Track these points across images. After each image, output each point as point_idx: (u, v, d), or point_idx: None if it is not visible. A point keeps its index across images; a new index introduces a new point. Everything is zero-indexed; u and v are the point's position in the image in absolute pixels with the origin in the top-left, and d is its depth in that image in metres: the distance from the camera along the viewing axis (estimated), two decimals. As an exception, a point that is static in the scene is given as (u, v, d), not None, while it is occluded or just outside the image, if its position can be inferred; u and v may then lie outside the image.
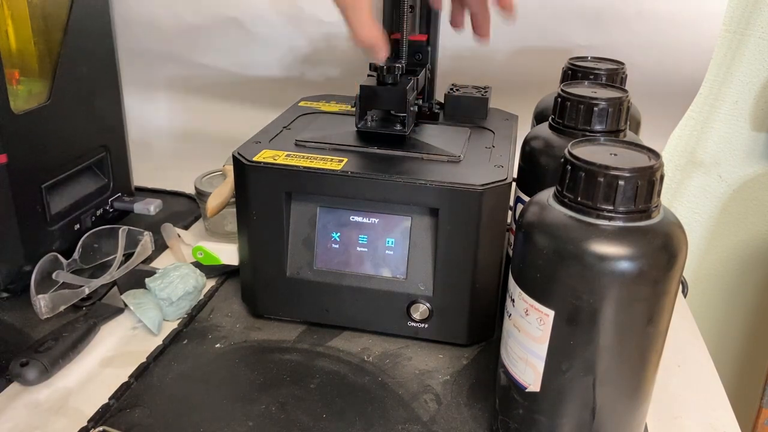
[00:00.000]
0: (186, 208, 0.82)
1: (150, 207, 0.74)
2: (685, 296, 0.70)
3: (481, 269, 0.53)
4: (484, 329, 0.56)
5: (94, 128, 0.71)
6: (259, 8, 0.81)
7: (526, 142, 0.54)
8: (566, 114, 0.49)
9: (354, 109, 0.59)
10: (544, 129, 0.52)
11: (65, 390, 0.51)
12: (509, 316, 0.42)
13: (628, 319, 0.37)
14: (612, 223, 0.36)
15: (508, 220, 0.54)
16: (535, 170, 0.52)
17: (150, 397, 0.50)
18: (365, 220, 0.54)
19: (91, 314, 0.59)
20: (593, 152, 0.38)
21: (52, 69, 0.64)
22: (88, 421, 0.47)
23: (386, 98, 0.58)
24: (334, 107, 0.70)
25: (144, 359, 0.54)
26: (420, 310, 0.55)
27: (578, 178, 0.37)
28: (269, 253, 0.56)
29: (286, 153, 0.56)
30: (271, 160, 0.54)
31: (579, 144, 0.39)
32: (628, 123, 0.50)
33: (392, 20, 0.69)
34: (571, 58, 0.61)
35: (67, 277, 0.62)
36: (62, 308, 0.59)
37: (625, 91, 0.49)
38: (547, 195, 0.40)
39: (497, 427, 0.45)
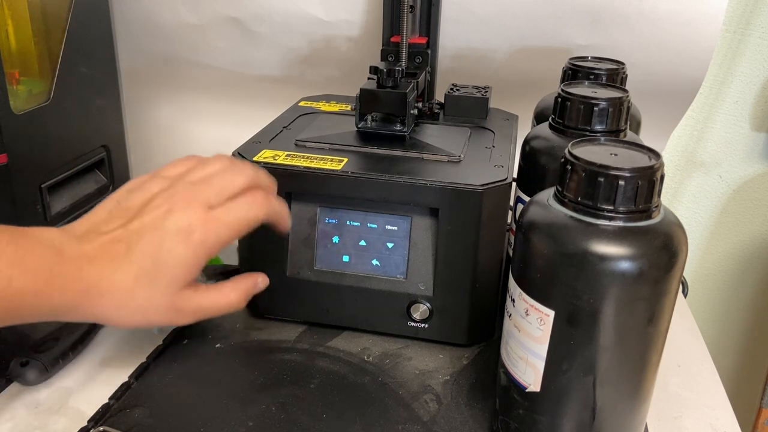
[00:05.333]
0: (186, 208, 0.82)
1: (150, 207, 0.74)
2: (685, 296, 0.70)
3: (481, 269, 0.53)
4: (484, 329, 0.56)
5: (94, 128, 0.71)
6: (259, 8, 0.81)
7: (526, 142, 0.54)
8: (566, 114, 0.49)
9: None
10: (544, 129, 0.52)
11: (65, 390, 0.51)
12: (509, 316, 0.42)
13: (628, 319, 0.37)
14: (612, 223, 0.36)
15: (508, 220, 0.54)
16: (535, 170, 0.52)
17: (150, 397, 0.50)
18: (365, 220, 0.54)
19: (91, 314, 0.59)
20: (593, 152, 0.38)
21: (52, 69, 0.64)
22: (88, 421, 0.47)
23: (386, 102, 0.58)
24: (334, 107, 0.70)
25: (144, 359, 0.53)
26: (420, 310, 0.55)
27: (578, 178, 0.37)
28: (269, 253, 0.56)
29: (286, 153, 0.56)
30: (271, 160, 0.54)
31: (579, 144, 0.39)
32: (629, 123, 0.50)
33: (392, 22, 0.69)
34: (571, 58, 0.61)
35: (67, 277, 0.62)
36: (62, 308, 0.58)
37: (626, 91, 0.49)
38: (547, 195, 0.40)
39: (497, 427, 0.45)
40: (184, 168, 0.46)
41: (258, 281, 0.49)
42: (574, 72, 0.58)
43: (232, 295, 0.46)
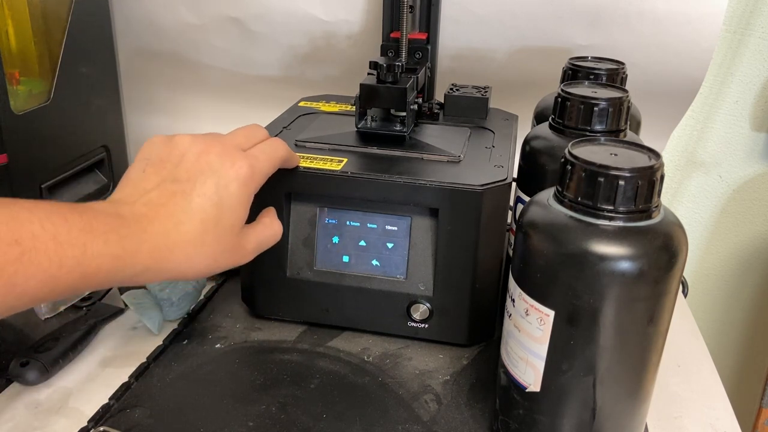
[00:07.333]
0: (186, 208, 0.82)
1: (150, 207, 0.74)
2: (685, 296, 0.70)
3: (481, 269, 0.53)
4: (484, 329, 0.56)
5: (94, 128, 0.71)
6: (259, 8, 0.81)
7: (526, 142, 0.54)
8: (566, 114, 0.49)
9: (354, 109, 0.59)
10: (544, 129, 0.52)
11: (65, 390, 0.51)
12: (509, 316, 0.42)
13: (628, 319, 0.37)
14: (612, 223, 0.36)
15: (508, 220, 0.54)
16: (535, 170, 0.52)
17: (150, 397, 0.50)
18: (365, 220, 0.54)
19: (91, 314, 0.59)
20: (593, 152, 0.38)
21: (52, 69, 0.64)
22: (88, 421, 0.47)
23: (387, 96, 0.58)
24: (334, 107, 0.70)
25: (144, 359, 0.53)
26: (420, 310, 0.55)
27: (578, 178, 0.37)
28: (269, 253, 0.55)
29: (286, 153, 0.56)
30: (271, 160, 0.54)
31: (579, 144, 0.39)
32: (629, 123, 0.50)
33: (392, 19, 0.69)
34: (571, 58, 0.61)
35: (67, 277, 0.62)
36: (62, 308, 0.59)
37: (625, 91, 0.49)
38: (547, 195, 0.40)
39: (497, 427, 0.45)
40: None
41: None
42: (574, 72, 0.58)
43: (275, 224, 0.49)
